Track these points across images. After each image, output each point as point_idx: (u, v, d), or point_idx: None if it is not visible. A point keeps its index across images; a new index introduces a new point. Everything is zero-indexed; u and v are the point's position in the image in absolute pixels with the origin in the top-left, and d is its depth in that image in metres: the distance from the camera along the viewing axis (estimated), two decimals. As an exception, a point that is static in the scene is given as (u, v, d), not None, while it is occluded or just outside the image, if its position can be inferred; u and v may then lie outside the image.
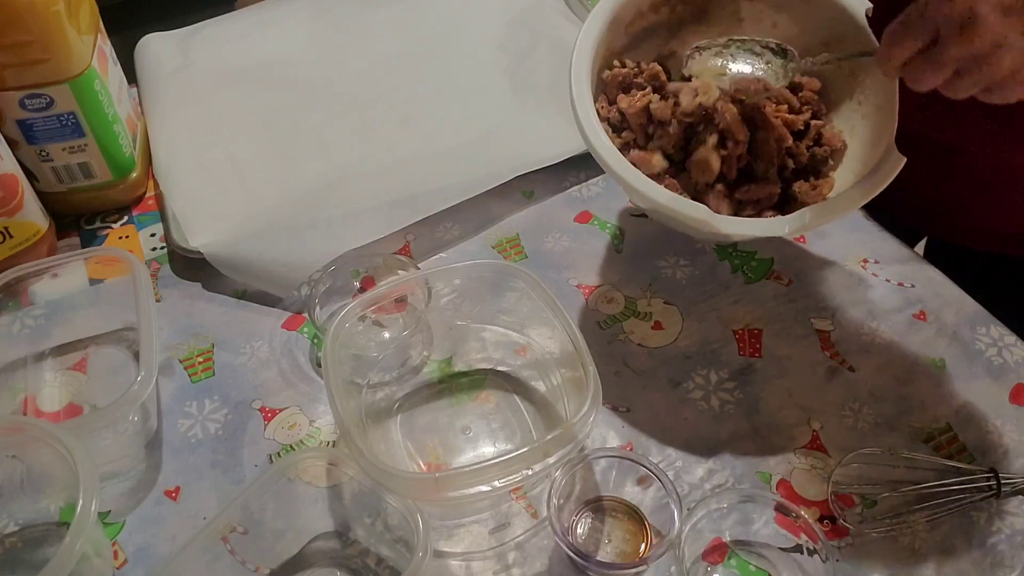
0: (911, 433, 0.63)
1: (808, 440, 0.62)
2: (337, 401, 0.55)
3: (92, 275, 0.74)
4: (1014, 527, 0.58)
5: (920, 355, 0.67)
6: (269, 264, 0.72)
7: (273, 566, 0.56)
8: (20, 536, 0.59)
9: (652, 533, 0.57)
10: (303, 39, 0.94)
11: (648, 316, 0.70)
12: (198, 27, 0.97)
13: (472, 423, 0.64)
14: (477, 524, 0.59)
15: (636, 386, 0.66)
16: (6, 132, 0.70)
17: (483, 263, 0.65)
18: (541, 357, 0.66)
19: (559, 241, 0.76)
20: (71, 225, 0.79)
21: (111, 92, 0.75)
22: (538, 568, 0.57)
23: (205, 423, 0.65)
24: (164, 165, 0.80)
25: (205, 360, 0.69)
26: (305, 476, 0.58)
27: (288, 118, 0.86)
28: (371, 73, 0.90)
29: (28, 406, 0.66)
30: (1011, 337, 0.68)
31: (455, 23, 0.95)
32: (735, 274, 0.73)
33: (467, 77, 0.89)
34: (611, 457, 0.59)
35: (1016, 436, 0.62)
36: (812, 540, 0.54)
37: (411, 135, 0.84)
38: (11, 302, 0.68)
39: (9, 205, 0.69)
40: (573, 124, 0.82)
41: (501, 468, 0.52)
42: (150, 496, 0.61)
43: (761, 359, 0.67)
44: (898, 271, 0.73)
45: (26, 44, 0.66)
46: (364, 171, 0.80)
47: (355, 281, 0.72)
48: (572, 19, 0.95)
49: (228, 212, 0.77)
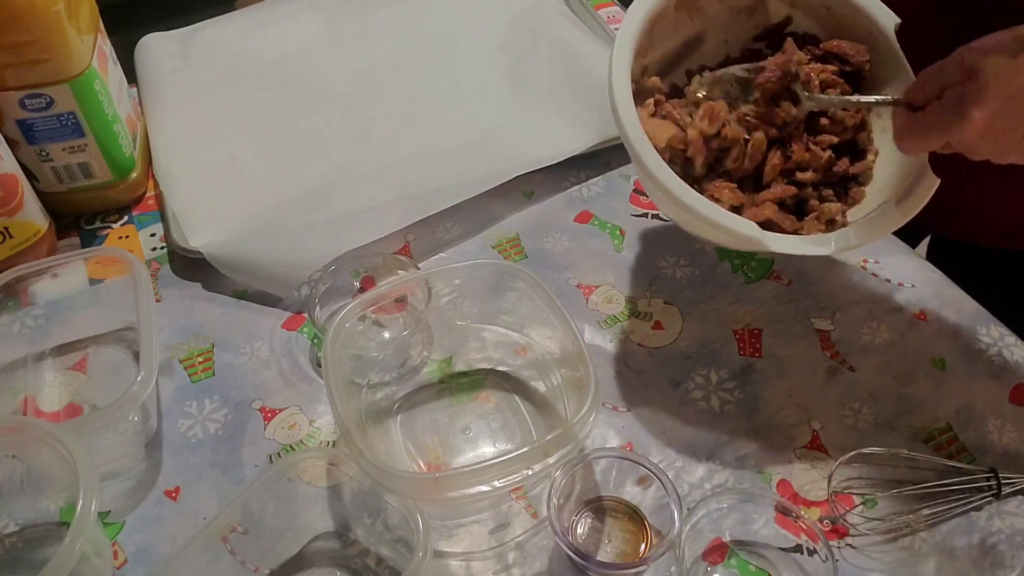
0: (911, 433, 0.63)
1: (808, 440, 0.62)
2: (337, 401, 0.55)
3: (92, 275, 0.73)
4: (1014, 527, 0.58)
5: (920, 355, 0.67)
6: (269, 264, 0.72)
7: (273, 566, 0.56)
8: (20, 536, 0.59)
9: (652, 533, 0.57)
10: (303, 39, 0.94)
11: (648, 316, 0.70)
12: (198, 27, 0.97)
13: (472, 423, 0.64)
14: (477, 524, 0.59)
15: (636, 386, 0.66)
16: (6, 132, 0.70)
17: (483, 263, 0.65)
18: (541, 357, 0.66)
19: (559, 241, 0.76)
20: (71, 225, 0.79)
21: (111, 92, 0.75)
22: (538, 568, 0.57)
23: (205, 423, 0.65)
24: (164, 165, 0.80)
25: (205, 360, 0.69)
26: (305, 476, 0.58)
27: (288, 118, 0.86)
28: (371, 73, 0.90)
29: (28, 406, 0.65)
30: (1011, 337, 0.68)
31: (455, 23, 0.95)
32: (735, 274, 0.73)
33: (467, 77, 0.89)
34: (611, 457, 0.59)
35: (1016, 436, 0.62)
36: (812, 540, 0.54)
37: (411, 135, 0.84)
38: (11, 302, 0.68)
39: (9, 205, 0.69)
40: (573, 124, 0.82)
41: (501, 468, 0.52)
42: (150, 496, 0.60)
43: (761, 359, 0.67)
44: (898, 271, 0.73)
45: (26, 44, 0.66)
46: (364, 171, 0.80)
47: (355, 281, 0.72)
48: (572, 19, 0.95)
49: (228, 212, 0.77)
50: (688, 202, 0.57)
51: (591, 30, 0.94)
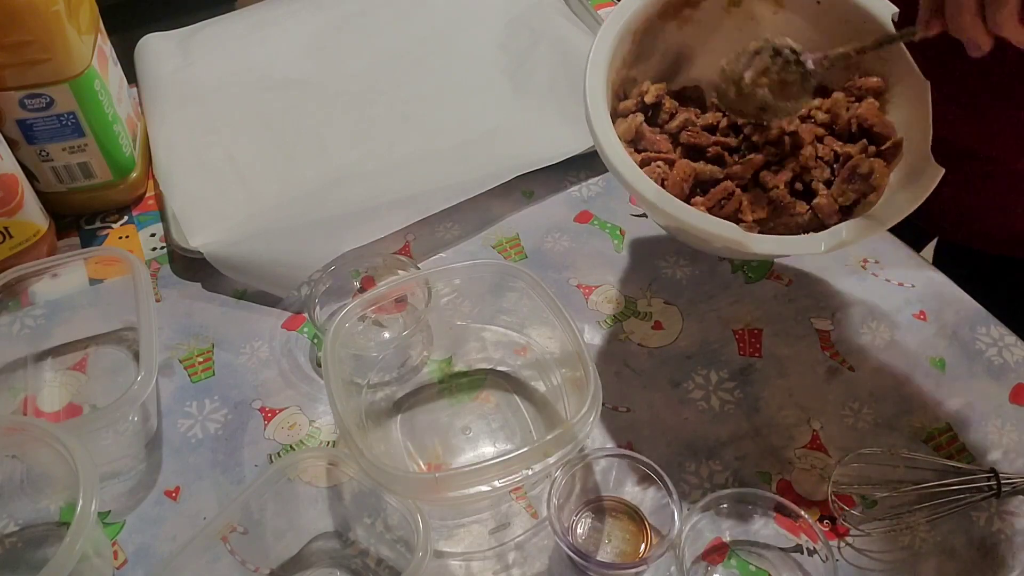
0: (911, 433, 0.63)
1: (808, 440, 0.62)
2: (337, 401, 0.55)
3: (92, 275, 0.73)
4: (1014, 527, 0.58)
5: (920, 355, 0.67)
6: (269, 264, 0.72)
7: (273, 566, 0.56)
8: (20, 536, 0.59)
9: (652, 533, 0.57)
10: (303, 39, 0.94)
11: (648, 316, 0.70)
12: (198, 27, 0.97)
13: (472, 423, 0.64)
14: (477, 524, 0.59)
15: (636, 386, 0.66)
16: (6, 132, 0.70)
17: (483, 263, 0.65)
18: (541, 357, 0.66)
19: (559, 241, 0.76)
20: (71, 225, 0.79)
21: (111, 92, 0.75)
22: (538, 568, 0.57)
23: (205, 423, 0.65)
24: (164, 165, 0.80)
25: (205, 360, 0.69)
26: (305, 476, 0.58)
27: (288, 118, 0.86)
28: (371, 73, 0.90)
29: (28, 406, 0.66)
30: (1011, 337, 0.68)
31: (455, 23, 0.95)
32: (735, 274, 0.73)
33: (467, 77, 0.89)
34: (611, 457, 0.59)
35: (1016, 436, 0.62)
36: (812, 540, 0.54)
37: (411, 135, 0.84)
38: (11, 302, 0.68)
39: (9, 205, 0.69)
40: (573, 124, 0.82)
41: (501, 468, 0.52)
42: (150, 496, 0.61)
43: (761, 359, 0.67)
44: (898, 271, 0.73)
45: (26, 44, 0.66)
46: (364, 171, 0.80)
47: (355, 281, 0.72)
48: (572, 19, 0.95)
49: (228, 212, 0.77)
50: (664, 207, 0.57)
51: (591, 30, 0.94)
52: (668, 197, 0.58)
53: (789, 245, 0.59)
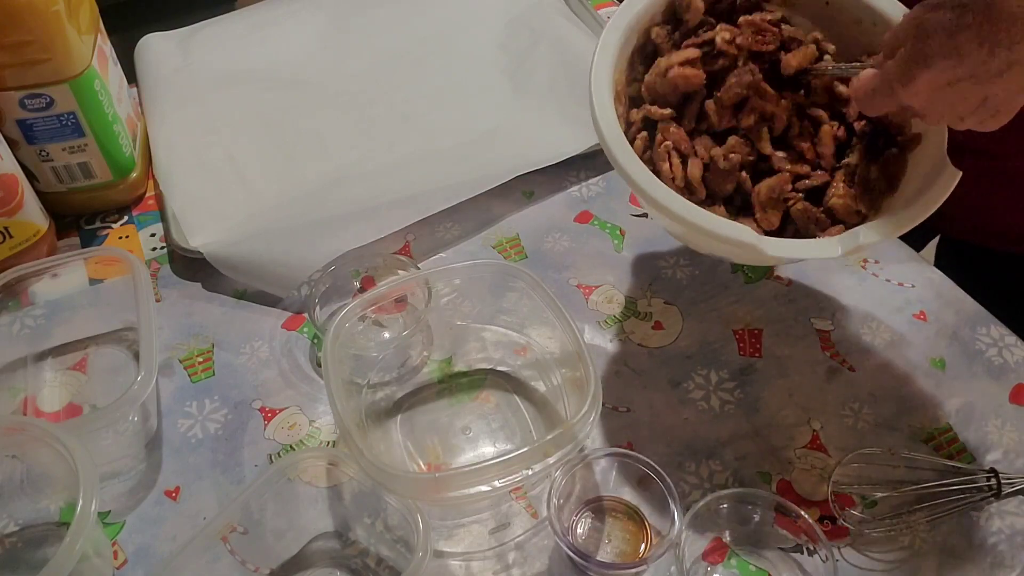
0: (911, 433, 0.63)
1: (808, 440, 0.62)
2: (337, 401, 0.55)
3: (92, 275, 0.74)
4: (1014, 527, 0.58)
5: (920, 355, 0.67)
6: (269, 264, 0.72)
7: (273, 566, 0.56)
8: (20, 536, 0.59)
9: (652, 533, 0.57)
10: (303, 39, 0.94)
11: (648, 316, 0.70)
12: (198, 27, 0.97)
13: (472, 423, 0.64)
14: (477, 524, 0.59)
15: (636, 386, 0.66)
16: (6, 132, 0.70)
17: (483, 263, 0.65)
18: (541, 357, 0.66)
19: (559, 241, 0.76)
20: (71, 225, 0.79)
21: (111, 92, 0.75)
22: (538, 568, 0.57)
23: (205, 423, 0.65)
24: (164, 165, 0.80)
25: (205, 360, 0.69)
26: (305, 476, 0.58)
27: (288, 118, 0.86)
28: (371, 73, 0.90)
29: (28, 406, 0.66)
30: (1011, 337, 0.68)
31: (455, 23, 0.95)
32: (735, 274, 0.73)
33: (467, 77, 0.89)
34: (611, 457, 0.59)
35: (1016, 436, 0.62)
36: (812, 540, 0.54)
37: (411, 135, 0.84)
38: (11, 302, 0.68)
39: (9, 205, 0.69)
40: (573, 124, 0.82)
41: (501, 468, 0.52)
42: (150, 496, 0.61)
43: (761, 359, 0.67)
44: (898, 271, 0.73)
45: (26, 44, 0.66)
46: (364, 171, 0.80)
47: (355, 281, 0.72)
48: (572, 19, 0.95)
49: (228, 212, 0.77)
50: (676, 210, 0.54)
51: (591, 30, 0.94)
52: (676, 197, 0.55)
53: (805, 249, 0.56)
